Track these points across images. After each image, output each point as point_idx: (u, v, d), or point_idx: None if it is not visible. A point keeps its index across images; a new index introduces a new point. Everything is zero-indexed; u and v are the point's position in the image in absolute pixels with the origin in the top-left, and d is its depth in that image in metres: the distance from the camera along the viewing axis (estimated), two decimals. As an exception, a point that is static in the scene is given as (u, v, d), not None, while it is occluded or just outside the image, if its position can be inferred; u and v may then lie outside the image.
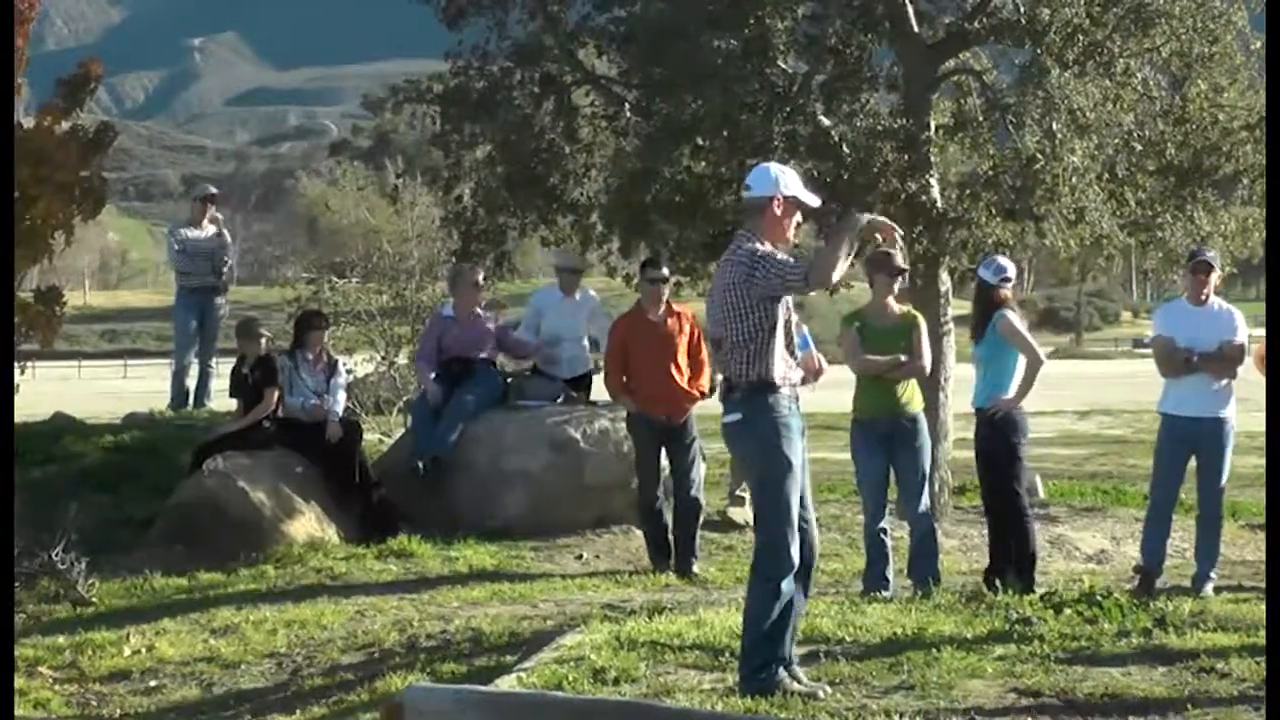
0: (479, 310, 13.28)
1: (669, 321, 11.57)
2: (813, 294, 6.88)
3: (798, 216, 6.96)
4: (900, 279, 10.18)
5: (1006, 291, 10.26)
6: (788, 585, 6.73)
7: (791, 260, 6.81)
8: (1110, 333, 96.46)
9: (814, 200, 7.01)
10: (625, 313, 12.18)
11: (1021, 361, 10.19)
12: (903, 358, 10.07)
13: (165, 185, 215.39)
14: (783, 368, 6.81)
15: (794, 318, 7.00)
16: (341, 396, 13.00)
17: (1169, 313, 10.60)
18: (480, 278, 13.58)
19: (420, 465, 12.51)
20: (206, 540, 11.73)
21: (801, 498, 6.85)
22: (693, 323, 11.64)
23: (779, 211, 6.88)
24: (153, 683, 8.82)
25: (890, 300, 10.19)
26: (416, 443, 12.87)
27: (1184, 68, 14.77)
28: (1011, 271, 10.39)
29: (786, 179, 6.95)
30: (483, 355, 13.12)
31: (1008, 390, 10.16)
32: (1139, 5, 14.02)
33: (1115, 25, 14.08)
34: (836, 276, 6.75)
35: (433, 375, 12.93)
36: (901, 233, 7.21)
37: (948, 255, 14.66)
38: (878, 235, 7.13)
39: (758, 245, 6.78)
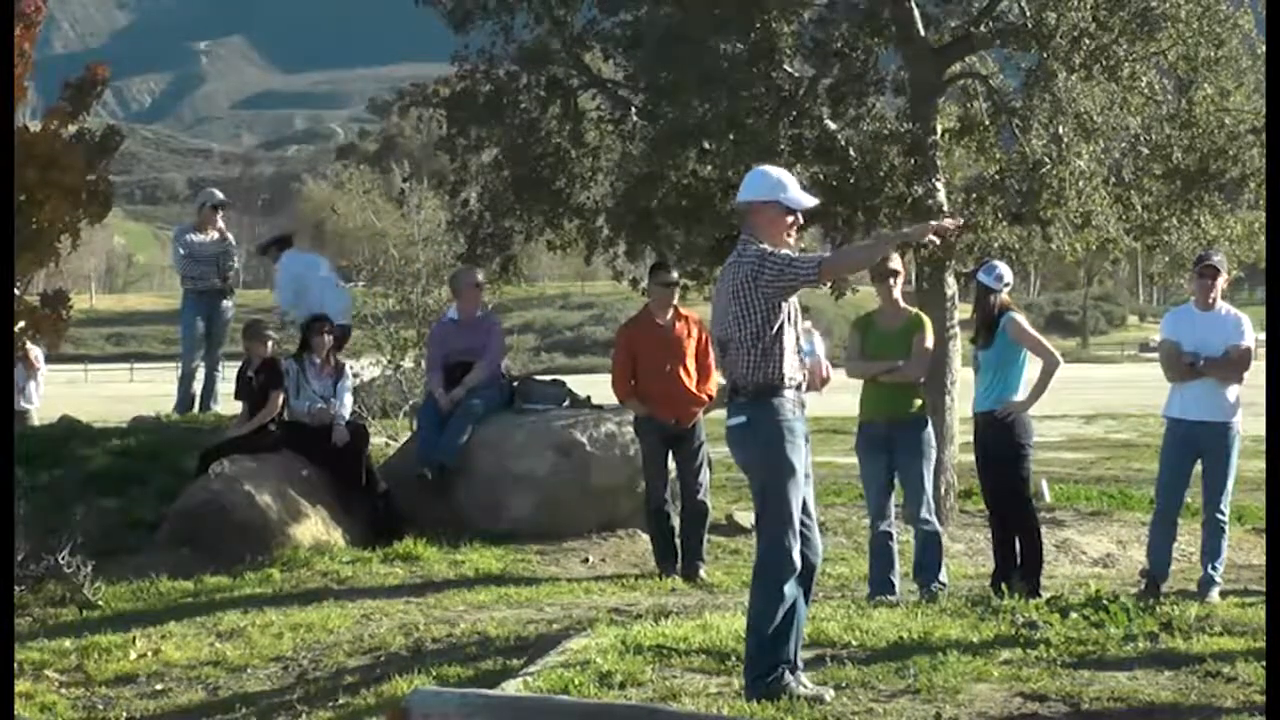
0: (481, 313, 13.30)
1: (677, 325, 11.57)
2: (819, 297, 6.97)
3: (792, 220, 6.94)
4: (893, 279, 10.12)
5: (1007, 296, 10.30)
6: (790, 589, 6.72)
7: (798, 255, 6.82)
8: (1116, 337, 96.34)
9: (806, 201, 6.99)
10: (633, 317, 12.20)
11: (1031, 364, 10.20)
12: (900, 362, 10.07)
13: (171, 189, 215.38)
14: (790, 369, 6.81)
15: (800, 322, 7.00)
16: (348, 400, 13.02)
17: (1176, 317, 10.60)
18: (480, 279, 13.61)
19: (427, 474, 12.53)
20: (212, 544, 11.74)
21: (805, 502, 6.85)
22: (700, 327, 11.64)
23: (768, 216, 6.88)
24: (158, 686, 8.83)
25: (897, 303, 10.19)
26: (422, 450, 12.87)
27: (1190, 71, 14.76)
28: (1009, 276, 10.42)
29: (773, 183, 6.93)
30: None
31: (1016, 393, 10.17)
32: (1145, 9, 14.02)
33: (1121, 29, 14.07)
34: (849, 273, 6.77)
35: (443, 386, 12.96)
36: (952, 225, 7.22)
37: (954, 259, 14.66)
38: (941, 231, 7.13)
39: (764, 246, 6.80)
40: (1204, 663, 7.19)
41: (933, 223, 6.96)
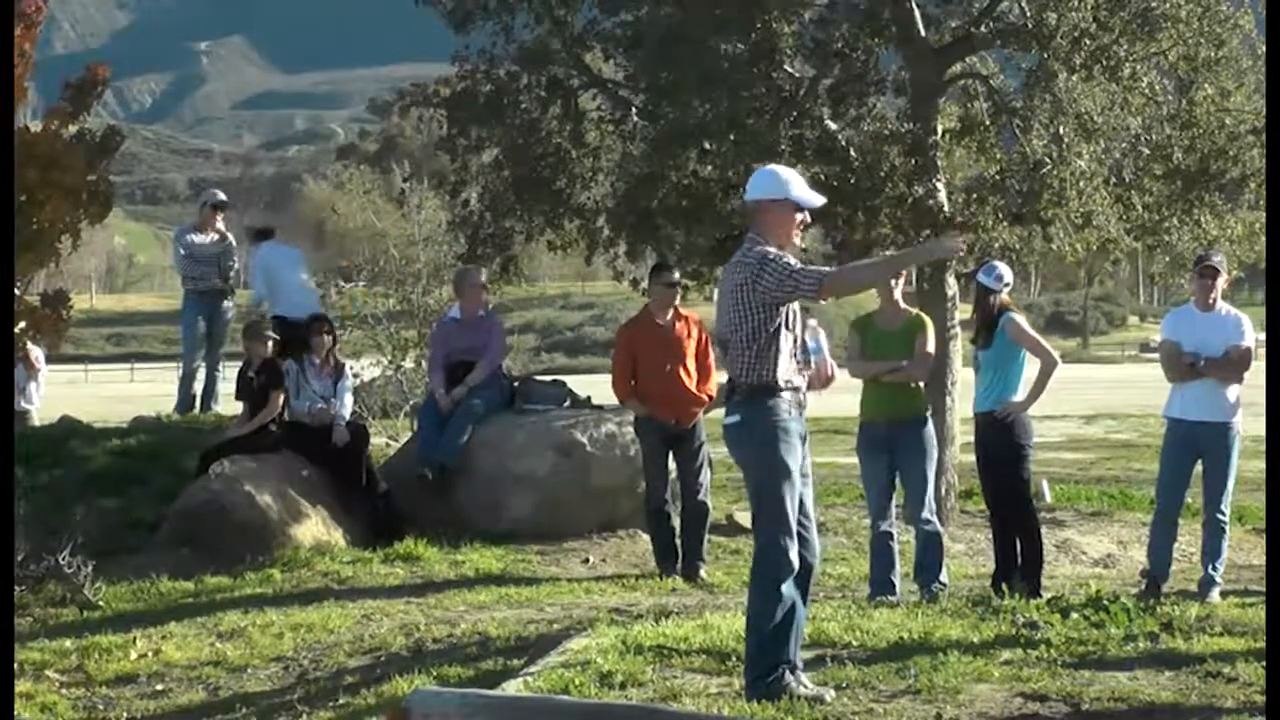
0: (483, 312, 13.32)
1: (677, 326, 11.57)
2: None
3: (801, 218, 6.94)
4: (893, 280, 10.11)
5: (1007, 296, 10.31)
6: (788, 588, 6.72)
7: (801, 266, 6.79)
8: (1117, 337, 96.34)
9: (814, 200, 6.99)
10: (633, 317, 12.20)
11: (1030, 364, 10.20)
12: (904, 362, 10.07)
13: (172, 189, 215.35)
14: (785, 371, 6.80)
15: (800, 322, 6.99)
16: (348, 400, 13.03)
17: (1176, 318, 10.61)
18: (484, 279, 13.66)
19: (427, 474, 12.53)
20: (213, 544, 11.74)
21: (803, 503, 6.84)
22: (700, 327, 11.65)
23: (778, 214, 6.87)
24: (159, 686, 8.83)
25: (897, 303, 10.19)
26: (423, 450, 12.87)
27: (1190, 72, 14.77)
28: (1009, 276, 10.43)
29: (783, 181, 6.93)
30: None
31: (1016, 393, 10.17)
32: (1145, 10, 14.02)
33: (1122, 29, 14.07)
34: (850, 292, 6.78)
35: (444, 386, 12.95)
36: (963, 246, 7.25)
37: (955, 260, 14.65)
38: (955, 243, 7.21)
39: (768, 249, 6.78)
40: (1204, 663, 7.19)
41: (933, 245, 6.99)
